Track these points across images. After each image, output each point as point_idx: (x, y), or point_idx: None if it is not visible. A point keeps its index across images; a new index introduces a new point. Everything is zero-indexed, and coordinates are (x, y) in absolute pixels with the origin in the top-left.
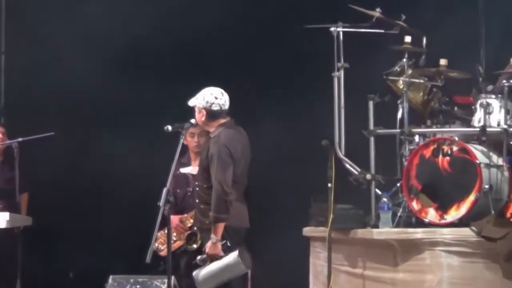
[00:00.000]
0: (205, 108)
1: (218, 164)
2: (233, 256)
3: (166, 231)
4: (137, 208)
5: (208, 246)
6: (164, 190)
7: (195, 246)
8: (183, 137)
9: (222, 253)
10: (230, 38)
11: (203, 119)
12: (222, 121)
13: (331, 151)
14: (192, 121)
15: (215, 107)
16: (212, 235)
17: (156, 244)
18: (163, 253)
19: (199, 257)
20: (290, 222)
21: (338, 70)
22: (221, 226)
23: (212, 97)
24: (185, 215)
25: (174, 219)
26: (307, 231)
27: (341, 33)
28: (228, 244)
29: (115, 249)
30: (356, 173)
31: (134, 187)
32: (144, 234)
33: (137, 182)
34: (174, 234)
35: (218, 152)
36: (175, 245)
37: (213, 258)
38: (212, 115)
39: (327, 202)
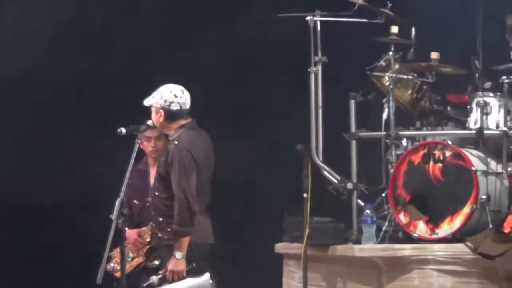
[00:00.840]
0: (163, 108)
1: (180, 170)
2: (203, 279)
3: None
4: (87, 219)
5: (171, 262)
6: (117, 201)
7: (156, 262)
8: (139, 141)
9: (185, 273)
10: (188, 28)
11: (161, 120)
12: (183, 122)
13: (307, 156)
14: (149, 122)
15: (175, 107)
16: (177, 252)
17: (112, 264)
18: (120, 273)
19: (154, 277)
20: (260, 237)
21: (315, 64)
22: (185, 241)
23: (171, 95)
24: (144, 228)
25: (131, 233)
26: (280, 247)
27: (318, 22)
28: (194, 265)
29: (61, 268)
30: (336, 181)
31: (85, 194)
32: (95, 251)
33: (88, 189)
34: (132, 250)
35: (179, 157)
36: (133, 263)
37: (175, 277)
38: (171, 115)
39: (302, 215)
